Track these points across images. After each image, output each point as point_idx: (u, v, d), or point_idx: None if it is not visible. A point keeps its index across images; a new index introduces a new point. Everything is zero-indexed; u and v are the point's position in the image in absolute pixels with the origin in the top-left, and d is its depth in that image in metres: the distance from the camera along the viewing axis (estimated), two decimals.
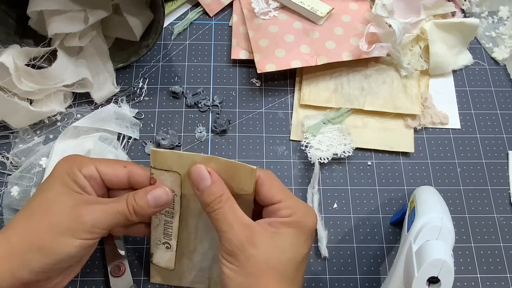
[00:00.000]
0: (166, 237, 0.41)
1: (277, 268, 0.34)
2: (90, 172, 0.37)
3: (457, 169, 0.54)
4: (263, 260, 0.34)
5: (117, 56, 0.56)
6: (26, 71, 0.49)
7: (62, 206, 0.35)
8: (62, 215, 0.34)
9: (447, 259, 0.37)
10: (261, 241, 0.35)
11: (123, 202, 0.36)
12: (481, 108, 0.57)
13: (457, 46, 0.59)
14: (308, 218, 0.37)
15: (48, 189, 0.36)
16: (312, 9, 0.57)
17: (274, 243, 0.35)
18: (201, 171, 0.36)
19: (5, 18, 0.53)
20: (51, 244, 0.33)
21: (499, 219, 0.51)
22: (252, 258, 0.34)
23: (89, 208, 0.35)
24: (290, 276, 0.35)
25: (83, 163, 0.37)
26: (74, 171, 0.37)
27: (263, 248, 0.34)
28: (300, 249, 0.36)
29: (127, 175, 0.39)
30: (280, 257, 0.35)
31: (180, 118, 0.55)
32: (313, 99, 0.55)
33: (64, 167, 0.37)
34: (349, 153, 0.52)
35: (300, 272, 0.37)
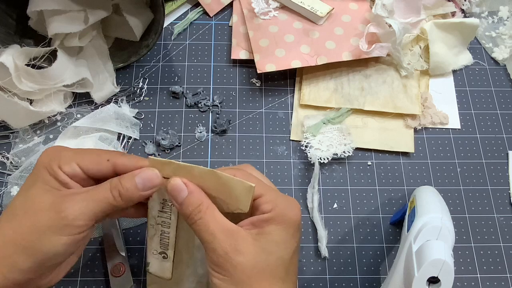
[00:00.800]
0: (163, 247, 0.40)
1: (266, 271, 0.33)
2: (71, 169, 0.35)
3: (457, 169, 0.54)
4: (251, 266, 0.33)
5: (117, 56, 0.56)
6: (26, 71, 0.49)
7: (42, 204, 0.33)
8: (42, 214, 0.33)
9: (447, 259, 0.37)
10: (246, 247, 0.33)
11: (105, 186, 0.34)
12: (481, 108, 0.57)
13: (457, 46, 0.59)
14: (290, 211, 0.35)
15: (29, 188, 0.35)
16: (312, 9, 0.57)
17: (259, 246, 0.34)
18: (176, 183, 0.35)
19: (5, 18, 0.53)
20: (35, 244, 0.32)
21: (499, 219, 0.51)
22: (239, 266, 0.33)
23: (69, 201, 0.33)
24: (281, 275, 0.34)
25: (63, 159, 0.35)
26: (54, 168, 0.35)
27: (249, 254, 0.33)
28: (288, 246, 0.35)
29: (112, 168, 0.36)
30: (267, 259, 0.34)
31: (180, 118, 0.55)
32: (313, 99, 0.55)
33: (43, 163, 0.35)
34: (349, 153, 0.52)
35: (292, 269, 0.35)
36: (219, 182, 0.35)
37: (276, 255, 0.34)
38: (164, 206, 0.38)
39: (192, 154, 0.53)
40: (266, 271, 0.33)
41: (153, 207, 0.38)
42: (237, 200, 0.35)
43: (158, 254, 0.40)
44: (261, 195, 0.35)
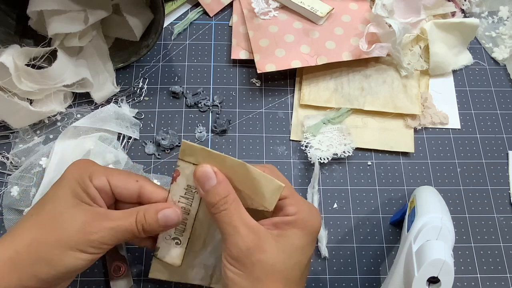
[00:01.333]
0: (177, 233, 0.40)
1: (283, 272, 0.34)
2: (101, 184, 0.37)
3: (457, 169, 0.54)
4: (270, 265, 0.33)
5: (117, 56, 0.56)
6: (26, 71, 0.49)
7: (72, 221, 0.34)
8: (71, 231, 0.34)
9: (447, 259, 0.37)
10: (267, 246, 0.34)
11: (132, 219, 0.36)
12: (481, 108, 0.57)
13: (457, 46, 0.59)
14: (313, 218, 0.36)
15: (58, 199, 0.35)
16: (312, 9, 0.57)
17: (280, 247, 0.34)
18: (206, 170, 0.35)
19: (5, 18, 0.53)
20: (59, 258, 0.34)
21: (499, 219, 0.51)
22: (258, 264, 0.33)
23: (98, 225, 0.35)
24: (296, 280, 0.35)
25: (95, 172, 0.37)
26: (85, 181, 0.36)
27: (270, 253, 0.34)
28: (306, 252, 0.35)
29: (138, 190, 0.38)
30: (286, 262, 0.34)
31: (180, 118, 0.55)
32: (313, 99, 0.55)
33: (75, 175, 0.36)
34: (349, 153, 0.52)
35: (305, 275, 0.36)
36: (249, 176, 0.35)
37: (295, 259, 0.34)
38: (187, 192, 0.38)
39: None
40: (284, 273, 0.34)
41: (175, 192, 0.38)
42: (263, 198, 0.36)
43: (171, 240, 0.40)
44: (286, 196, 0.36)
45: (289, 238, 0.35)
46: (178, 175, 0.38)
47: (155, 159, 0.52)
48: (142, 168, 0.51)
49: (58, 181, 0.37)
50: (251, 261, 0.33)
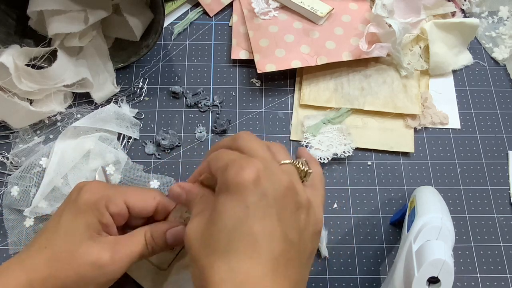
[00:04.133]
0: None
1: (208, 243, 0.30)
2: (118, 209, 0.36)
3: (457, 169, 0.54)
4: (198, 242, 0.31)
5: (117, 56, 0.56)
6: (26, 71, 0.49)
7: (87, 255, 0.34)
8: (87, 266, 0.34)
9: (447, 259, 0.37)
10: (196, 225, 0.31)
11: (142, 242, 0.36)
12: (481, 108, 0.57)
13: (457, 46, 0.59)
14: (237, 173, 0.30)
15: (72, 231, 0.35)
16: (312, 9, 0.57)
17: (206, 220, 0.31)
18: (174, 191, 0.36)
19: (5, 18, 0.53)
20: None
21: (499, 219, 0.51)
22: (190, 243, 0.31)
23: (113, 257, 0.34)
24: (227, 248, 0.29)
25: (111, 198, 0.36)
26: (101, 209, 0.35)
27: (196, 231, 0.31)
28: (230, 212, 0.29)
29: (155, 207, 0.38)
30: (210, 231, 0.30)
31: (180, 118, 0.55)
32: (313, 99, 0.55)
33: (90, 202, 0.36)
34: (349, 153, 0.52)
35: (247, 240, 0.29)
36: None
37: (218, 225, 0.30)
38: None
39: (192, 154, 0.53)
40: (209, 244, 0.30)
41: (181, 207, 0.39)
42: None
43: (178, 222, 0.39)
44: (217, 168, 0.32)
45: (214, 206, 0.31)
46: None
47: (155, 159, 0.52)
48: (142, 168, 0.51)
49: (72, 209, 0.36)
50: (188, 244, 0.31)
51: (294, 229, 0.31)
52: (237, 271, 0.28)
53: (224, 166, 0.31)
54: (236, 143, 0.34)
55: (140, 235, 0.36)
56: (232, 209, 0.29)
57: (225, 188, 0.30)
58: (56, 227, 0.36)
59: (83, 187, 0.37)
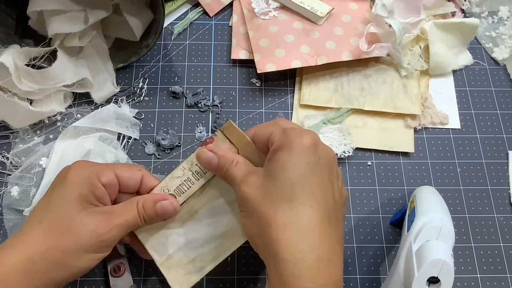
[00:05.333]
0: (177, 192, 0.41)
1: (271, 195, 0.33)
2: (109, 179, 0.38)
3: (457, 169, 0.54)
4: (258, 194, 0.34)
5: (117, 56, 0.56)
6: (26, 71, 0.49)
7: (84, 225, 0.36)
8: (85, 235, 0.35)
9: (447, 259, 0.37)
10: (254, 179, 0.35)
11: (134, 212, 0.38)
12: (481, 108, 0.57)
13: (457, 46, 0.59)
14: (298, 137, 0.34)
15: (66, 204, 0.36)
16: (312, 9, 0.57)
17: (266, 174, 0.34)
18: (206, 155, 0.38)
19: (5, 18, 0.53)
20: (75, 262, 0.35)
21: (499, 219, 0.51)
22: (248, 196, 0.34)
23: (109, 225, 0.36)
24: (287, 197, 0.33)
25: (102, 170, 0.38)
26: (94, 181, 0.37)
27: (255, 183, 0.35)
28: (295, 169, 0.33)
29: (141, 179, 0.40)
30: (273, 184, 0.33)
31: (180, 118, 0.55)
32: (313, 99, 0.55)
33: (81, 176, 0.37)
34: (349, 153, 0.52)
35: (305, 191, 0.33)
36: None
37: (281, 178, 0.33)
38: None
39: None
40: (273, 194, 0.33)
41: None
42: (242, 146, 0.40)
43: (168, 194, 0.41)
44: (271, 132, 0.37)
45: (274, 162, 0.34)
46: (211, 142, 0.40)
47: (155, 159, 0.52)
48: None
49: (62, 183, 0.37)
50: (244, 198, 0.35)
51: (337, 191, 0.36)
52: (299, 216, 0.32)
53: (283, 130, 0.36)
54: (280, 123, 0.38)
55: (133, 203, 0.38)
56: (296, 165, 0.33)
57: (287, 146, 0.34)
58: (49, 203, 0.37)
59: (71, 166, 0.38)
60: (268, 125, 0.38)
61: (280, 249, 0.31)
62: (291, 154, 0.34)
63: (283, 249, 0.31)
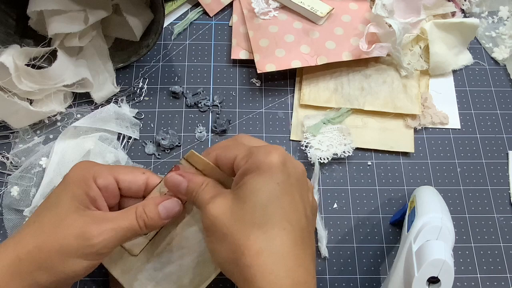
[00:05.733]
0: None
1: (242, 219, 0.32)
2: (106, 182, 0.36)
3: (457, 169, 0.54)
4: (228, 218, 0.32)
5: (117, 56, 0.56)
6: (26, 71, 0.49)
7: (71, 227, 0.34)
8: (71, 238, 0.33)
9: (447, 259, 0.37)
10: (223, 202, 0.33)
11: (132, 217, 0.36)
12: (481, 108, 0.57)
13: (457, 46, 0.59)
14: (265, 157, 0.33)
15: (59, 204, 0.35)
16: (312, 9, 0.57)
17: (235, 198, 0.33)
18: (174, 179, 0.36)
19: (5, 18, 0.53)
20: (59, 265, 0.33)
21: (499, 219, 0.51)
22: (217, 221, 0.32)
23: (98, 229, 0.34)
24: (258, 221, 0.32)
25: (99, 172, 0.37)
26: (88, 182, 0.36)
27: (224, 207, 0.33)
28: (265, 191, 0.32)
29: (145, 182, 0.38)
30: (243, 208, 0.32)
31: (180, 118, 0.55)
32: (313, 99, 0.55)
33: (76, 177, 0.36)
34: (349, 153, 0.52)
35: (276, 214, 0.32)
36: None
37: (251, 202, 0.32)
38: None
39: None
40: (243, 219, 0.32)
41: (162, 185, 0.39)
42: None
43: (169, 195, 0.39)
44: (235, 155, 0.35)
45: (243, 185, 0.33)
46: (177, 169, 0.38)
47: (155, 159, 0.52)
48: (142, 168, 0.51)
49: (61, 184, 0.37)
50: (212, 223, 0.33)
51: (308, 207, 0.35)
52: (273, 241, 0.31)
53: (248, 152, 0.34)
54: (240, 140, 0.37)
55: (130, 209, 0.36)
56: (265, 186, 0.32)
57: (255, 168, 0.33)
58: (45, 203, 0.36)
59: (72, 166, 0.37)
60: (230, 147, 0.36)
61: (255, 277, 0.30)
62: (260, 176, 0.32)
63: (259, 276, 0.30)
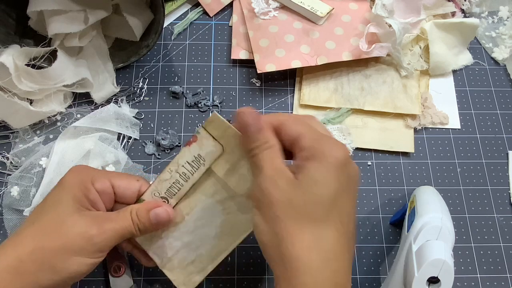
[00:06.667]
0: (168, 194, 0.40)
1: (301, 209, 0.31)
2: (103, 186, 0.38)
3: (457, 169, 0.54)
4: (286, 203, 0.32)
5: (117, 56, 0.56)
6: (26, 71, 0.49)
7: (75, 227, 0.35)
8: (74, 237, 0.35)
9: (447, 259, 0.37)
10: (284, 184, 0.32)
11: (128, 218, 0.37)
12: (481, 108, 0.57)
13: (457, 46, 0.59)
14: (332, 150, 0.32)
15: (59, 205, 0.36)
16: (312, 9, 0.57)
17: (297, 183, 0.32)
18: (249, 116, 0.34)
19: (5, 18, 0.53)
20: (63, 264, 0.34)
21: (499, 219, 0.51)
22: (275, 202, 0.32)
23: (101, 228, 0.35)
24: (318, 217, 0.31)
25: (96, 176, 0.38)
26: (87, 185, 0.37)
27: (285, 191, 0.32)
28: (329, 186, 0.32)
29: (139, 189, 0.40)
30: (304, 198, 0.31)
31: (180, 118, 0.55)
32: (313, 99, 0.55)
33: (76, 179, 0.37)
34: (349, 153, 0.52)
35: (335, 213, 0.32)
36: None
37: (313, 194, 0.32)
38: (195, 161, 0.39)
39: None
40: (302, 210, 0.32)
41: (184, 155, 0.39)
42: None
43: (159, 198, 0.40)
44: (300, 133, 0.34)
45: (307, 172, 0.32)
46: (194, 141, 0.38)
47: (155, 159, 0.52)
48: (142, 168, 0.51)
49: (58, 186, 0.37)
50: (269, 201, 0.32)
51: (356, 212, 0.35)
52: (325, 240, 0.31)
53: (318, 137, 0.33)
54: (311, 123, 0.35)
55: (127, 211, 0.38)
56: (329, 181, 0.32)
57: (321, 156, 0.32)
58: (43, 205, 0.37)
59: (69, 170, 0.38)
60: (298, 122, 0.35)
61: (299, 270, 0.30)
62: (324, 169, 0.32)
63: (304, 271, 0.30)
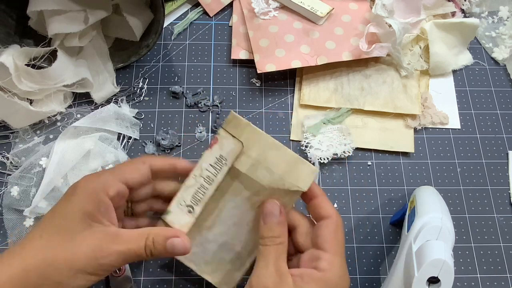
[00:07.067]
0: (194, 201, 0.39)
1: None
2: (117, 189, 0.37)
3: (457, 169, 0.54)
4: None
5: (117, 56, 0.56)
6: (26, 71, 0.49)
7: (82, 245, 0.34)
8: (82, 255, 0.34)
9: (447, 259, 0.37)
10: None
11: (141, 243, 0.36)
12: (481, 108, 0.57)
13: (457, 46, 0.59)
14: (341, 282, 0.36)
15: (69, 220, 0.35)
16: (312, 9, 0.57)
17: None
18: (274, 208, 0.38)
19: (5, 18, 0.53)
20: (68, 280, 0.34)
21: (499, 219, 0.51)
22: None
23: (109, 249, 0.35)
24: None
25: (107, 182, 0.37)
26: (99, 196, 0.36)
27: None
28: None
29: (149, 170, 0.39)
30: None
31: (180, 118, 0.55)
32: (313, 99, 0.55)
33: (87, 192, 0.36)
34: (349, 153, 0.52)
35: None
36: (285, 157, 0.37)
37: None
38: (217, 162, 0.38)
39: (192, 154, 0.53)
40: None
41: (207, 158, 0.38)
42: (298, 178, 0.37)
43: (185, 206, 0.39)
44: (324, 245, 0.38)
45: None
46: (215, 142, 0.38)
47: None
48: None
49: (69, 197, 0.36)
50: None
51: None
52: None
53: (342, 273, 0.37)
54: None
55: (142, 234, 0.36)
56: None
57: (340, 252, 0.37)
58: (52, 217, 0.36)
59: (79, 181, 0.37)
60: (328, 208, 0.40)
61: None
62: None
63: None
